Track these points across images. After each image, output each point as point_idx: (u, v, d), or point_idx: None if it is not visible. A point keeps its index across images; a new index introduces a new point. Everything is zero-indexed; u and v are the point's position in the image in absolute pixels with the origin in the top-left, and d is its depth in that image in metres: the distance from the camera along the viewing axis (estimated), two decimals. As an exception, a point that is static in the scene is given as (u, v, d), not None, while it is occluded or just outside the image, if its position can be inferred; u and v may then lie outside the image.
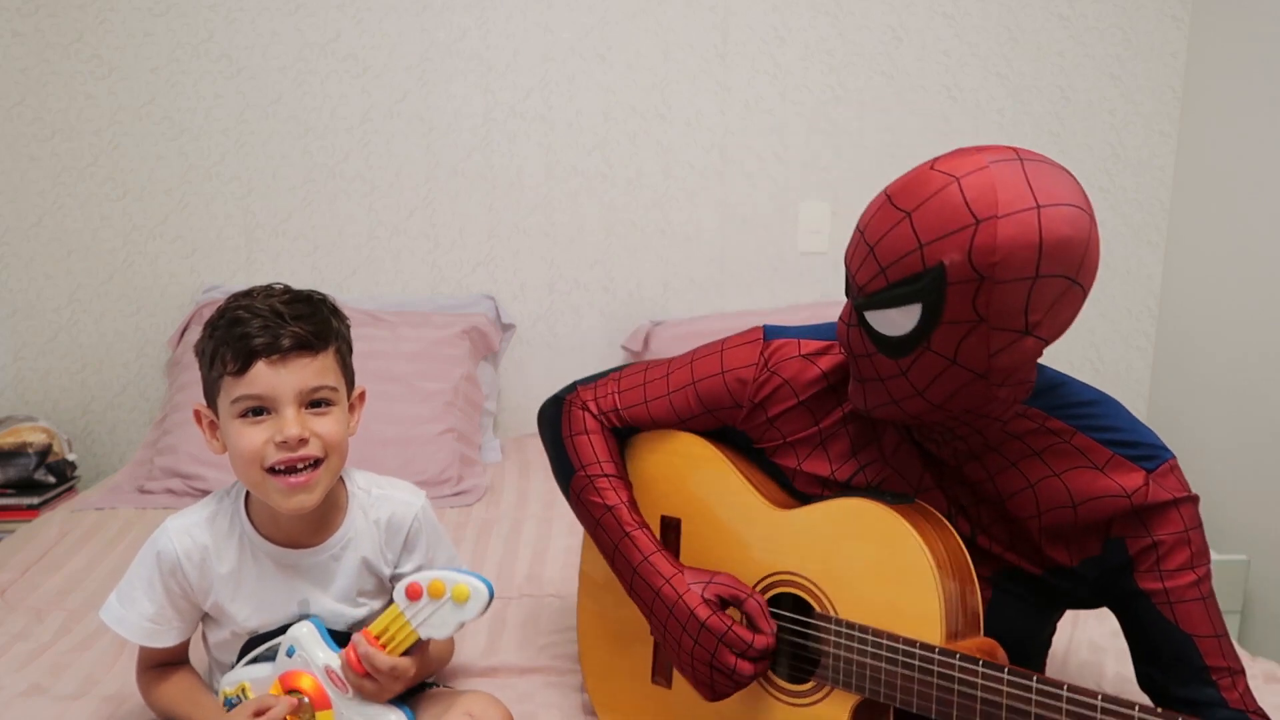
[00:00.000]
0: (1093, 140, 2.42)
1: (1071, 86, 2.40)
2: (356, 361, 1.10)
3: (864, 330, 0.90)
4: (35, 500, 2.11)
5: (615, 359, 2.46)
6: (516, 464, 2.19)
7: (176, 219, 2.32)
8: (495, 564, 1.68)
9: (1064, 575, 0.99)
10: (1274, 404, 2.08)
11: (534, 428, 2.47)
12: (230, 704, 1.11)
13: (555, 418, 1.21)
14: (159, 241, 2.32)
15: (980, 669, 0.88)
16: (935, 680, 0.90)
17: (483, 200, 2.37)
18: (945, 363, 0.85)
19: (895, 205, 0.85)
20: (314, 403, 1.04)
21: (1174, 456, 0.97)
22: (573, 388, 1.23)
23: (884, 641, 0.94)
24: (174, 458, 2.01)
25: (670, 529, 1.17)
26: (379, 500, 1.15)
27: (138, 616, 1.09)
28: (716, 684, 1.01)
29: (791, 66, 2.35)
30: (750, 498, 1.09)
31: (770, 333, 1.11)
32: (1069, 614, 1.43)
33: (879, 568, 0.96)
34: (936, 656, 0.90)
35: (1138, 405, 2.52)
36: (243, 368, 1.00)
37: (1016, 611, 1.02)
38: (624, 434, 1.21)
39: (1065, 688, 0.83)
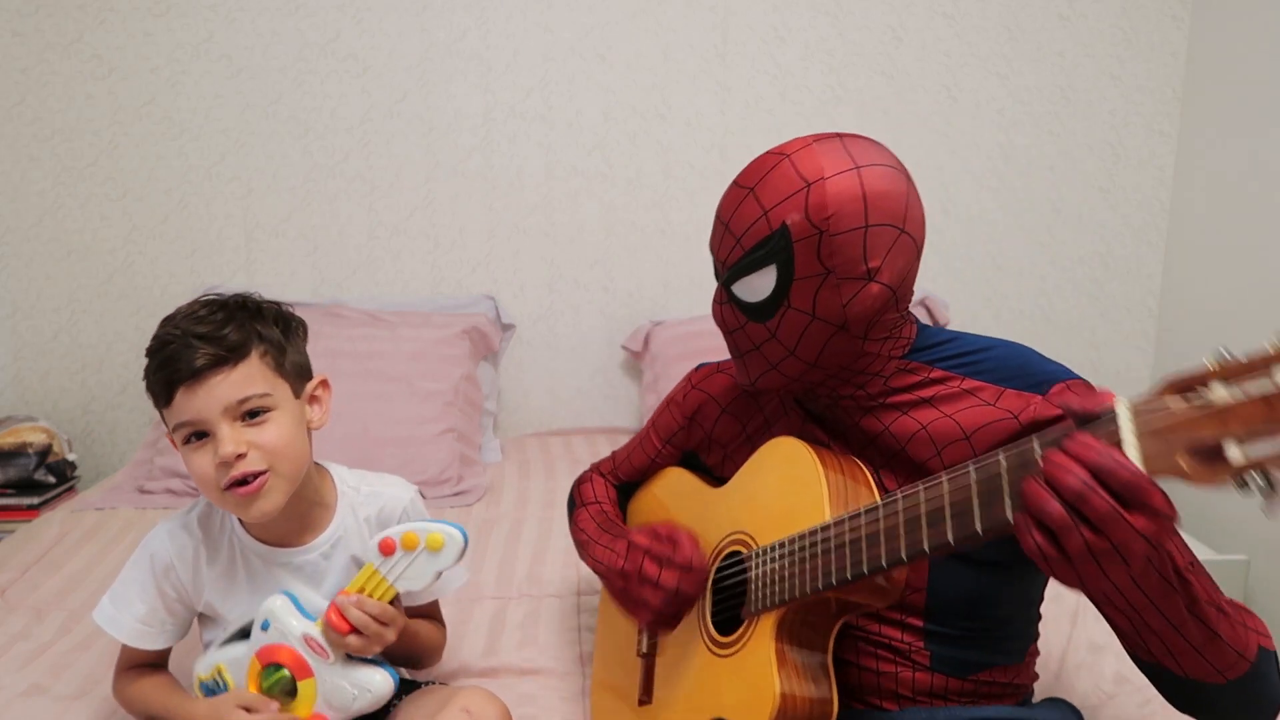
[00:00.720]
0: (1093, 140, 2.43)
1: (1071, 86, 2.40)
2: (356, 361, 1.10)
3: (734, 304, 1.00)
4: (35, 500, 2.12)
5: (615, 359, 2.46)
6: (516, 464, 2.20)
7: (176, 219, 2.32)
8: (495, 564, 1.68)
9: None
10: (1274, 404, 2.08)
11: (534, 427, 2.48)
12: (206, 688, 1.10)
13: (575, 484, 1.40)
14: (159, 241, 2.32)
15: (846, 522, 0.88)
16: (824, 555, 0.90)
17: (483, 200, 2.37)
18: (806, 318, 0.95)
19: (741, 185, 0.97)
20: (249, 413, 1.02)
21: (1080, 378, 0.94)
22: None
23: (781, 545, 0.96)
24: (174, 458, 2.01)
25: None
26: (368, 497, 1.15)
27: (130, 618, 1.09)
28: (646, 598, 1.03)
29: (791, 66, 2.35)
30: (700, 488, 1.18)
31: (703, 365, 1.26)
32: (1069, 613, 1.42)
33: (779, 485, 1.01)
34: (819, 530, 0.91)
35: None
36: (167, 398, 1.00)
37: (962, 571, 0.97)
38: (629, 490, 1.35)
39: (921, 484, 0.82)
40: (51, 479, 2.15)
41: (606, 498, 1.32)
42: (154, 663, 1.16)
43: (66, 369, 2.36)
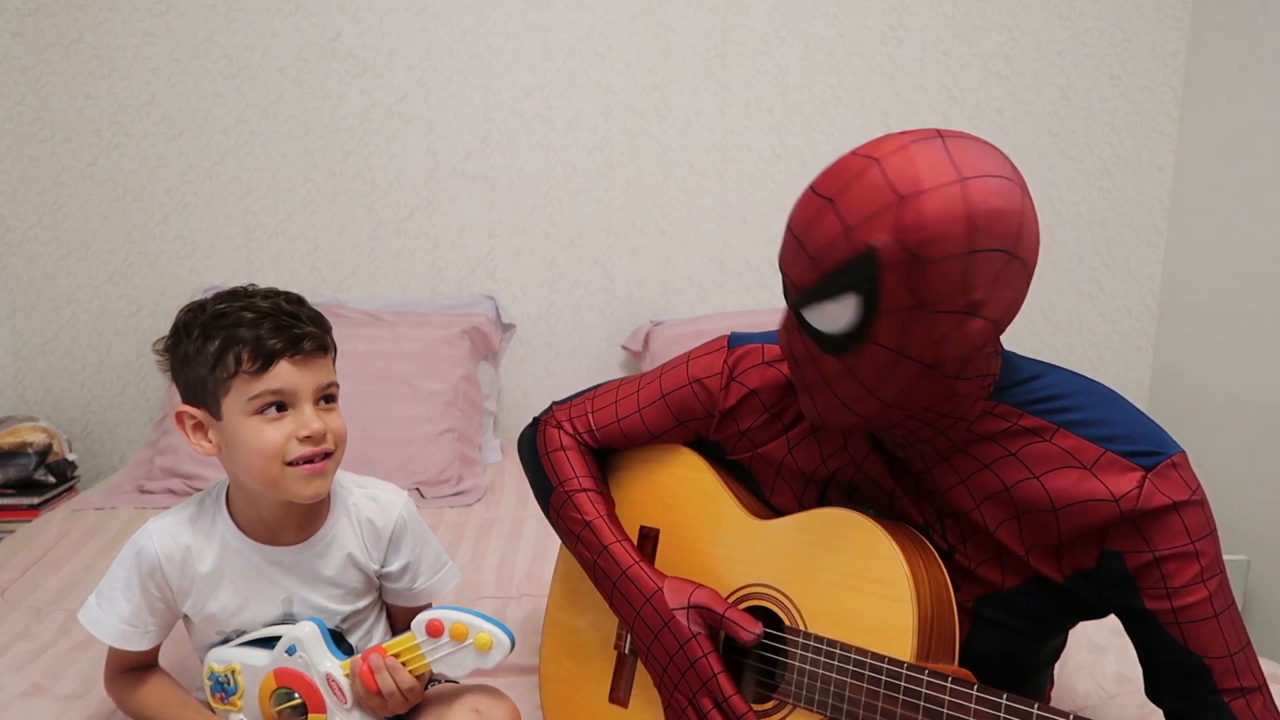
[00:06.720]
0: (1093, 140, 2.43)
1: (1071, 86, 2.40)
2: (356, 361, 1.11)
3: (804, 331, 0.87)
4: (35, 500, 2.11)
5: (615, 359, 2.46)
6: (516, 464, 2.19)
7: (176, 219, 2.32)
8: (495, 564, 1.68)
9: (1052, 590, 0.92)
10: (1274, 404, 2.08)
11: (534, 428, 2.48)
12: (216, 679, 1.10)
13: (533, 438, 1.23)
14: (159, 241, 2.32)
15: (948, 685, 0.83)
16: (900, 698, 0.86)
17: (483, 200, 2.37)
18: (892, 355, 0.82)
19: (818, 193, 0.82)
20: (325, 399, 1.08)
21: (1180, 451, 0.87)
22: (549, 409, 1.24)
23: (851, 655, 0.89)
24: (174, 458, 2.01)
25: (648, 539, 1.15)
26: (362, 499, 1.16)
27: (114, 618, 1.09)
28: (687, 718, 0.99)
29: (791, 66, 2.36)
30: (731, 508, 1.07)
31: (735, 340, 1.11)
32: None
33: (853, 579, 0.92)
34: (904, 672, 0.86)
35: (1137, 406, 2.52)
36: (264, 366, 1.02)
37: (1001, 638, 0.95)
38: (602, 454, 1.21)
39: (1035, 707, 0.79)
40: (51, 479, 2.15)
41: (594, 480, 1.15)
42: (147, 663, 1.15)
43: (66, 369, 2.36)
